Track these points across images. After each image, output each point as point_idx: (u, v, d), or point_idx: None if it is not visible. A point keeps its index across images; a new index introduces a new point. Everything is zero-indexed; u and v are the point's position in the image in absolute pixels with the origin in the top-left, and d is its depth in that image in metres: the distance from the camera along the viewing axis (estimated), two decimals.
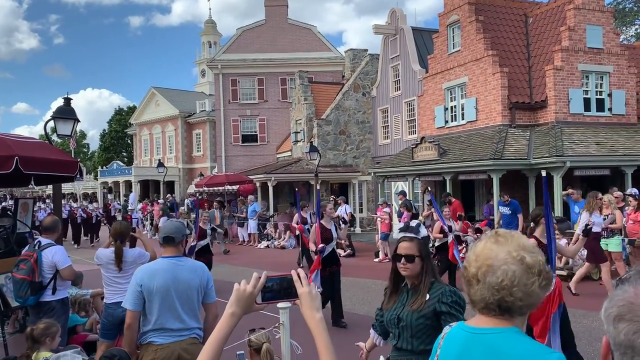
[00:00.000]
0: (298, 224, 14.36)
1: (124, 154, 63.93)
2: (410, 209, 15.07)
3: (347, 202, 18.97)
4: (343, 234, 9.47)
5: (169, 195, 33.76)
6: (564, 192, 13.86)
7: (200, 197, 25.15)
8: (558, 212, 14.13)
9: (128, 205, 29.74)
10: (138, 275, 3.97)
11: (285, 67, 30.59)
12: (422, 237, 3.67)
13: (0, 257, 7.26)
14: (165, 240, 4.08)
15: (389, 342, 3.42)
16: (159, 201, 27.48)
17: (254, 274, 1.77)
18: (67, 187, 44.48)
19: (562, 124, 15.76)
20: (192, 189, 30.02)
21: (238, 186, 24.73)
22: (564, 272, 11.30)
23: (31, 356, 4.57)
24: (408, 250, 3.20)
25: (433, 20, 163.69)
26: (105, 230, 23.36)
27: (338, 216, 10.94)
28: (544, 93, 16.18)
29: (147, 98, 45.19)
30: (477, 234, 14.25)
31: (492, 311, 1.58)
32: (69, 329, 6.56)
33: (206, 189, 25.99)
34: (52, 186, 9.62)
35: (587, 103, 16.36)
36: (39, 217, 18.48)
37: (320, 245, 8.07)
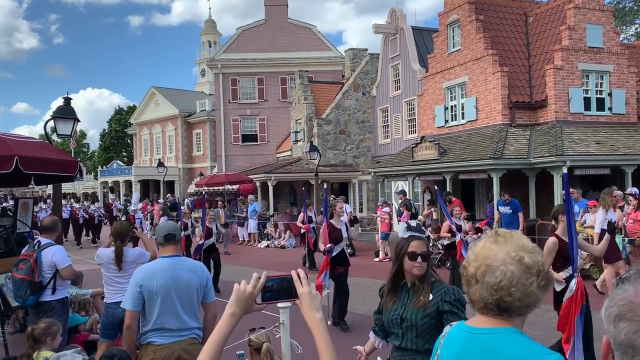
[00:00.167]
0: (304, 223, 14.28)
1: (124, 153, 63.94)
2: (410, 209, 15.06)
3: (347, 201, 18.97)
4: (355, 233, 9.35)
5: (169, 195, 33.76)
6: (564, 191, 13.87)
7: (200, 198, 25.14)
8: None
9: (131, 205, 29.73)
10: (138, 276, 3.96)
11: (285, 67, 30.60)
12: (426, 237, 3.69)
13: (1, 257, 7.27)
14: (167, 238, 4.08)
15: (389, 344, 3.42)
16: (159, 201, 27.49)
17: (254, 274, 1.77)
18: (67, 187, 44.50)
19: (562, 123, 15.76)
20: (192, 188, 30.03)
21: (238, 186, 24.74)
22: None
23: (32, 356, 4.57)
24: (423, 249, 3.21)
25: (433, 19, 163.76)
26: (107, 230, 23.39)
27: (354, 216, 10.93)
28: (544, 92, 16.17)
29: (147, 98, 45.18)
30: (478, 233, 14.24)
31: (491, 311, 1.58)
32: (71, 329, 6.56)
33: (206, 188, 26.00)
34: (52, 186, 9.62)
35: (587, 102, 16.35)
36: (40, 218, 18.48)
37: (328, 245, 7.97)
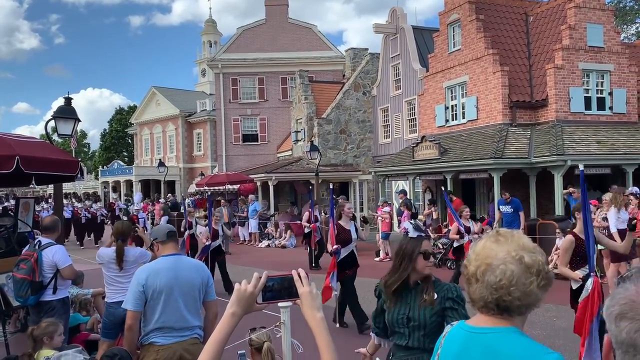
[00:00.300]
0: (311, 223, 14.11)
1: (125, 153, 63.96)
2: (411, 208, 15.07)
3: (348, 201, 18.96)
4: (365, 234, 9.08)
5: (170, 194, 33.77)
6: (565, 190, 13.87)
7: (202, 197, 25.15)
8: (559, 211, 14.13)
9: (134, 205, 29.72)
10: (140, 275, 3.95)
11: (286, 67, 30.59)
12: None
13: (1, 257, 7.28)
14: (169, 235, 4.12)
15: (391, 342, 3.42)
16: (160, 201, 27.49)
17: (254, 274, 1.77)
18: (67, 187, 44.52)
19: (563, 122, 15.75)
20: (192, 188, 30.03)
21: (239, 185, 24.74)
22: None
23: (33, 355, 4.58)
24: (430, 248, 3.35)
25: (433, 19, 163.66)
26: (109, 230, 23.40)
27: (364, 217, 10.75)
28: (545, 92, 16.16)
29: (147, 97, 45.20)
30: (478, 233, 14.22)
31: (491, 310, 1.58)
32: (72, 328, 6.57)
33: (207, 188, 26.00)
34: (53, 186, 9.63)
35: (587, 102, 16.34)
36: (42, 217, 18.49)
37: (335, 246, 7.80)
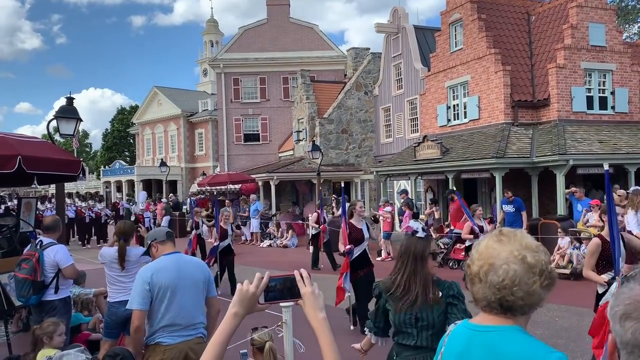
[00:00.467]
0: (320, 224, 13.98)
1: (127, 153, 64.01)
2: (412, 208, 15.05)
3: (349, 201, 18.95)
4: (376, 233, 8.97)
5: (172, 194, 33.79)
6: (567, 190, 13.84)
7: (207, 197, 25.14)
8: (561, 211, 14.11)
9: (136, 204, 29.73)
10: (145, 274, 3.96)
11: (287, 66, 30.60)
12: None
13: (4, 256, 7.29)
14: (168, 235, 4.21)
15: (388, 340, 3.43)
16: (162, 200, 27.50)
17: (256, 274, 1.77)
18: (69, 187, 44.57)
19: (565, 122, 15.72)
20: (194, 188, 30.04)
21: (240, 185, 24.75)
22: (567, 270, 11.27)
23: (36, 355, 4.59)
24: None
25: (435, 18, 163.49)
26: (113, 230, 23.42)
27: (375, 215, 10.62)
28: (547, 91, 16.14)
29: (149, 97, 45.23)
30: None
31: (494, 310, 1.58)
32: (73, 328, 6.57)
33: (209, 188, 26.02)
34: (54, 185, 9.64)
35: (589, 101, 16.31)
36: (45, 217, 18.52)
37: (348, 246, 7.64)
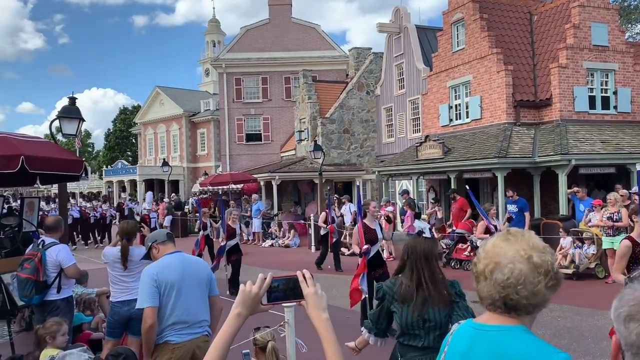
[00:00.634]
0: (328, 224, 13.90)
1: (129, 153, 64.07)
2: (414, 208, 15.04)
3: (351, 200, 18.96)
4: (389, 233, 8.88)
5: (174, 194, 33.82)
6: (569, 190, 13.81)
7: (204, 197, 25.17)
8: (563, 211, 14.08)
9: (139, 204, 29.75)
10: (151, 272, 3.97)
11: (289, 66, 30.59)
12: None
13: (7, 256, 7.30)
14: (169, 236, 4.29)
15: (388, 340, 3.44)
16: (164, 200, 27.53)
17: (259, 274, 1.77)
18: (71, 187, 44.64)
19: (567, 122, 15.69)
20: (196, 187, 30.08)
21: (242, 185, 24.76)
22: (569, 270, 11.25)
23: (39, 354, 4.59)
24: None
25: (437, 18, 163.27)
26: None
27: (388, 215, 10.56)
28: (549, 91, 16.11)
29: (151, 97, 45.26)
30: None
31: (499, 308, 1.58)
32: (75, 327, 6.58)
33: (211, 187, 26.04)
34: (57, 185, 9.65)
35: (592, 101, 16.28)
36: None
37: (365, 246, 7.52)
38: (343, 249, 15.71)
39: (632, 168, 14.61)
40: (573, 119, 15.86)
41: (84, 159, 8.42)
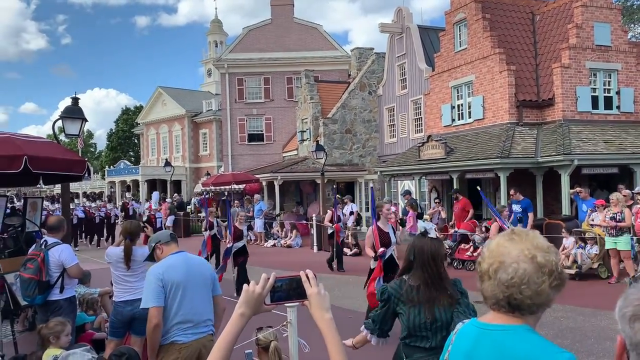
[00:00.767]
0: (334, 223, 13.80)
1: (131, 153, 64.16)
2: (416, 208, 15.03)
3: (353, 200, 18.96)
4: (401, 237, 8.73)
5: (176, 194, 33.85)
6: (572, 190, 13.78)
7: (206, 197, 25.15)
8: (566, 211, 14.06)
9: (143, 205, 29.75)
10: (156, 271, 3.98)
11: (291, 66, 30.61)
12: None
13: (10, 256, 7.32)
14: (172, 237, 4.32)
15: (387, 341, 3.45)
16: (166, 200, 27.56)
17: (262, 274, 1.77)
18: (74, 187, 44.72)
19: (570, 122, 15.66)
20: (199, 188, 30.12)
21: (244, 185, 24.78)
22: (572, 271, 11.23)
23: (41, 354, 4.60)
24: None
25: (439, 18, 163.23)
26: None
27: (401, 218, 10.28)
28: (552, 91, 16.09)
29: (153, 98, 45.34)
30: (486, 232, 14.18)
31: (503, 308, 1.58)
32: (78, 327, 6.59)
33: (213, 188, 26.06)
34: (60, 185, 9.67)
35: (595, 101, 16.24)
36: None
37: (381, 249, 7.33)
38: (345, 249, 15.70)
39: (635, 168, 14.59)
40: (576, 119, 15.83)
41: (86, 159, 8.43)
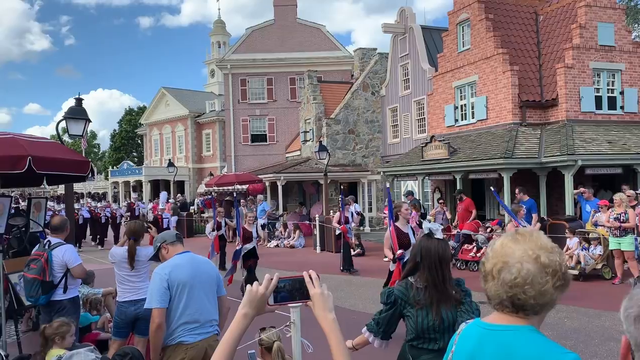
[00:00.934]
0: (341, 224, 13.66)
1: (135, 154, 64.31)
2: (419, 209, 15.02)
3: (356, 201, 18.95)
4: (419, 238, 8.59)
5: (179, 194, 33.89)
6: (576, 190, 13.75)
7: (209, 197, 25.15)
8: (569, 211, 14.03)
9: (147, 205, 29.78)
10: (162, 272, 3.99)
11: (295, 67, 30.63)
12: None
13: (14, 256, 7.34)
14: (178, 237, 4.33)
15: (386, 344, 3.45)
16: (169, 201, 27.60)
17: (265, 275, 1.77)
18: (77, 187, 44.82)
19: (573, 122, 15.63)
20: (202, 188, 30.15)
21: (247, 185, 24.78)
22: (575, 271, 11.21)
23: (45, 354, 4.61)
24: None
25: (442, 18, 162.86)
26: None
27: (421, 219, 10.10)
28: (555, 91, 16.06)
29: (157, 98, 45.44)
30: (489, 233, 14.16)
31: (506, 308, 1.58)
32: (84, 327, 6.62)
33: (216, 188, 26.07)
34: (64, 186, 9.70)
35: (598, 101, 16.21)
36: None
37: (399, 251, 7.22)
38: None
39: (639, 168, 14.54)
40: (579, 119, 15.80)
41: (90, 160, 8.44)
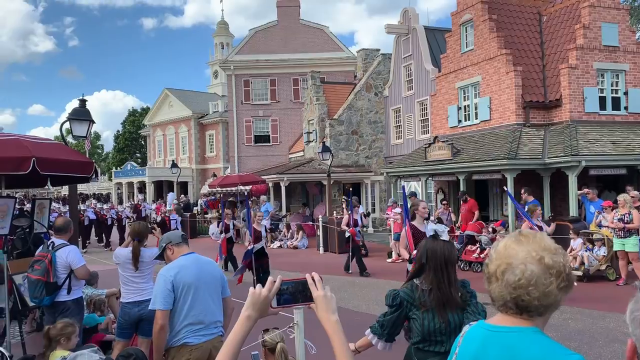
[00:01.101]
0: (349, 226, 13.59)
1: (138, 155, 64.45)
2: None
3: (360, 202, 18.93)
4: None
5: (183, 195, 33.94)
6: (580, 191, 13.71)
7: (213, 198, 25.19)
8: (573, 212, 13.99)
9: (160, 205, 29.82)
10: (167, 273, 3.99)
11: (298, 68, 30.66)
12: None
13: (18, 257, 7.36)
14: (184, 238, 4.34)
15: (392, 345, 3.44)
16: (173, 202, 27.65)
17: (268, 277, 1.78)
18: (81, 188, 44.93)
19: (577, 123, 15.59)
20: (205, 189, 30.18)
21: (251, 186, 24.80)
22: (579, 272, 11.18)
23: (48, 355, 4.62)
24: None
25: (446, 19, 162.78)
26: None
27: (439, 217, 9.84)
28: (559, 92, 16.02)
29: (160, 99, 45.50)
30: (493, 234, 14.14)
31: (510, 309, 1.58)
32: (91, 328, 6.64)
33: (219, 189, 26.10)
34: (68, 187, 9.72)
35: (602, 102, 16.16)
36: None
37: (414, 251, 7.40)
38: None
39: None
40: (583, 119, 15.75)
41: (93, 161, 8.46)
